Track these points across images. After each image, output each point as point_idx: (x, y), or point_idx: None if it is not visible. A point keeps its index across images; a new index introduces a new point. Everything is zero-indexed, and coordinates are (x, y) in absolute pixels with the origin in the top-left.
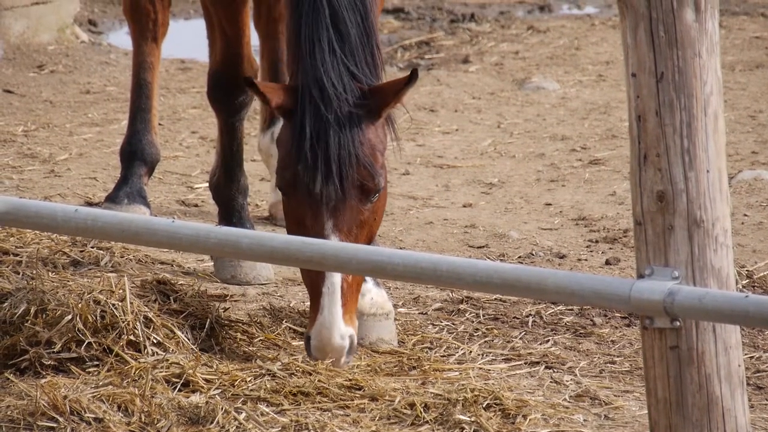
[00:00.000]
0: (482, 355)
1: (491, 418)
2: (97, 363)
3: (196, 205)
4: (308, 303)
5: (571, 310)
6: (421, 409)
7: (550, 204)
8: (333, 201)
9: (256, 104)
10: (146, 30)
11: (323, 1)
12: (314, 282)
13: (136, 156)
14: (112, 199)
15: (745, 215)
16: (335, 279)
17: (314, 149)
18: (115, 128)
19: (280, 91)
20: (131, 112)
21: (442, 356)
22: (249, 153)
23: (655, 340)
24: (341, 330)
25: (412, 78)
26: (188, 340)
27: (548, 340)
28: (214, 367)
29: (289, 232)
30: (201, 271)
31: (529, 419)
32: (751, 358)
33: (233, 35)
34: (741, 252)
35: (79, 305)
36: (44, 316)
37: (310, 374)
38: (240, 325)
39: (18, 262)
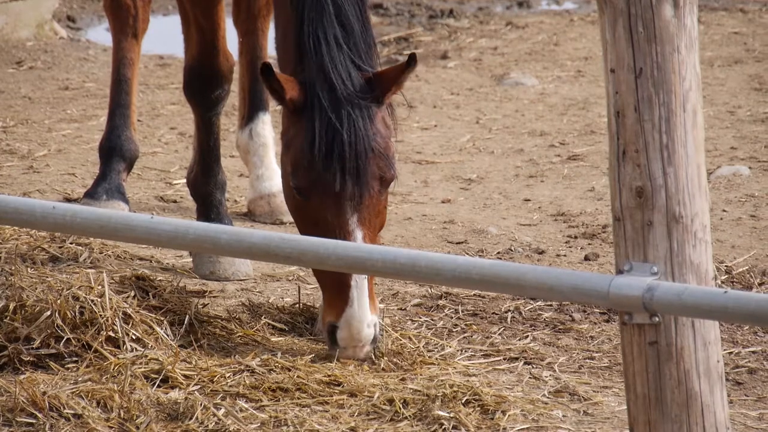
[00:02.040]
0: (461, 351)
1: (470, 414)
2: (76, 359)
3: (175, 201)
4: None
5: (550, 305)
6: (400, 405)
7: (528, 200)
8: (356, 195)
9: (233, 99)
10: (126, 26)
11: None
12: (338, 273)
13: (115, 152)
14: (91, 195)
15: (724, 211)
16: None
17: (331, 147)
18: (94, 124)
19: (295, 84)
20: (110, 108)
21: (422, 353)
22: (227, 149)
23: (634, 336)
24: (369, 320)
25: (410, 62)
26: (167, 336)
27: (527, 336)
28: (193, 363)
29: (304, 232)
30: (180, 267)
31: (508, 415)
32: (730, 353)
33: (209, 29)
34: (720, 247)
35: (58, 301)
36: (23, 312)
37: (289, 370)
38: (219, 321)
39: None
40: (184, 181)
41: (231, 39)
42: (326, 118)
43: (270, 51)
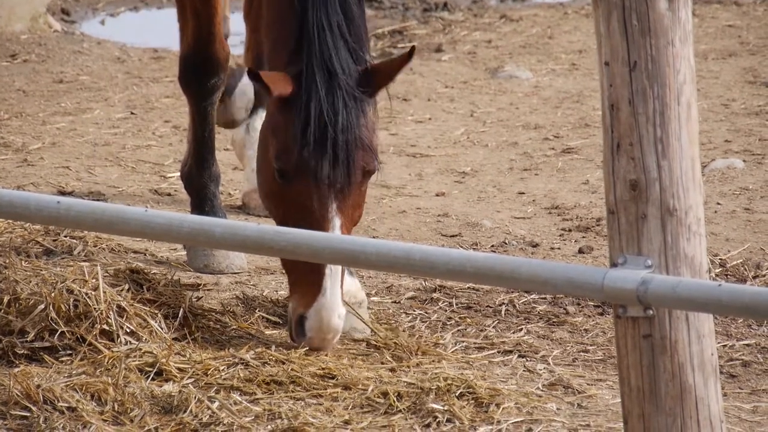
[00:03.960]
0: (455, 343)
1: (464, 407)
2: (71, 352)
3: (169, 194)
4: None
5: (544, 298)
6: (394, 398)
7: (523, 193)
8: (339, 183)
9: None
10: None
11: None
12: (311, 264)
13: None
14: None
15: (718, 204)
16: None
17: (324, 133)
18: (88, 117)
19: (282, 79)
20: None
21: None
22: (222, 143)
23: (628, 329)
24: (340, 311)
25: (411, 56)
26: (161, 329)
27: (521, 329)
28: (188, 356)
29: (283, 217)
30: (174, 260)
31: (502, 408)
32: (724, 346)
33: (205, 14)
34: (714, 240)
35: (52, 294)
36: (17, 305)
37: (284, 363)
38: (213, 314)
39: None
40: (179, 174)
41: (238, 35)
42: (319, 104)
43: None
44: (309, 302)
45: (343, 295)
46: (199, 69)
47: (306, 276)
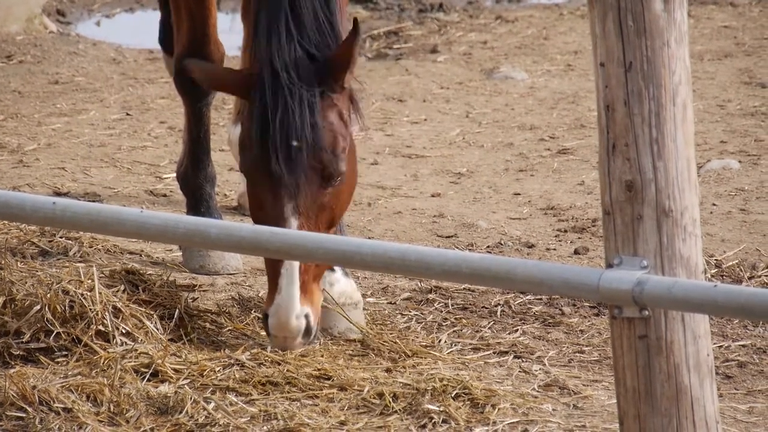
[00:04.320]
0: (451, 344)
1: (460, 408)
2: (66, 353)
3: (165, 195)
4: None
5: (540, 299)
6: (390, 399)
7: (518, 194)
8: (289, 184)
9: (222, 93)
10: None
11: None
12: (273, 263)
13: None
14: None
15: (714, 204)
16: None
17: (266, 132)
18: (84, 118)
19: (238, 75)
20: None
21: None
22: (217, 143)
23: (623, 330)
24: (297, 310)
25: (355, 30)
26: (157, 330)
27: (517, 330)
28: (183, 356)
29: (252, 216)
30: (170, 261)
31: (498, 409)
32: (720, 347)
33: (200, 16)
34: (710, 241)
35: (48, 295)
36: (13, 306)
37: (279, 364)
38: (209, 315)
39: None
40: (174, 175)
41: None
42: (264, 103)
43: None
44: (270, 301)
45: (304, 294)
46: None
47: (270, 276)
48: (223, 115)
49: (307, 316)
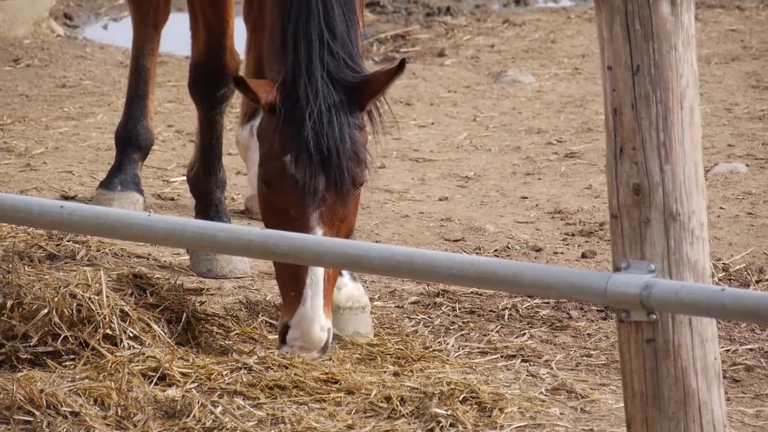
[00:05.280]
0: (458, 348)
1: (467, 412)
2: (74, 357)
3: (172, 199)
4: None
5: (548, 303)
6: (398, 403)
7: (526, 197)
8: (320, 193)
9: (233, 97)
10: (147, 16)
11: None
12: (295, 273)
13: (131, 142)
14: (106, 185)
15: (721, 208)
16: (319, 271)
17: (305, 142)
18: (91, 122)
19: (269, 87)
20: (128, 98)
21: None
22: (226, 146)
23: (631, 333)
24: (322, 322)
25: (400, 69)
26: (164, 333)
27: (524, 334)
28: (191, 360)
29: (268, 224)
30: (177, 265)
31: (506, 413)
32: (728, 351)
33: (216, 26)
34: (717, 245)
35: (56, 299)
36: (20, 309)
37: (287, 368)
38: (216, 318)
39: None
40: (182, 178)
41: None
42: (301, 113)
43: None
44: (293, 311)
45: (326, 306)
46: (209, 79)
47: (289, 284)
48: (230, 118)
49: (329, 330)
